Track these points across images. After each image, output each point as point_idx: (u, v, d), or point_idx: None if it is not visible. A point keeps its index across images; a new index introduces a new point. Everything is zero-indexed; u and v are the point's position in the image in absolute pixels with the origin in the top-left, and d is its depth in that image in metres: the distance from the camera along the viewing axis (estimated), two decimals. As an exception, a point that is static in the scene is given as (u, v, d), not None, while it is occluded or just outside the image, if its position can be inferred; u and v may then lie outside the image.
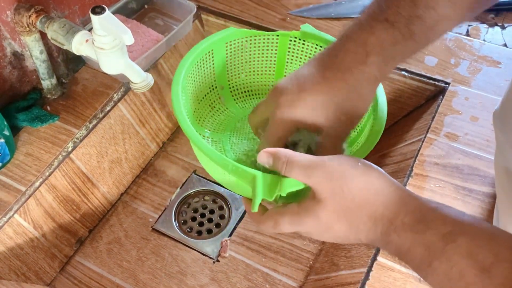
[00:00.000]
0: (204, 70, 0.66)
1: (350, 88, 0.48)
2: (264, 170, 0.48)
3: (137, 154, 0.92)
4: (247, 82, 0.71)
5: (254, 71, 0.70)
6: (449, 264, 0.37)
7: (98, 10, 0.60)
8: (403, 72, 0.87)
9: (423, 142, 0.77)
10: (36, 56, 0.78)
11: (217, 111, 0.70)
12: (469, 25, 0.94)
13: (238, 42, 0.67)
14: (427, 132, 0.78)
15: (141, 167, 0.94)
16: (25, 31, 0.74)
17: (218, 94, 0.69)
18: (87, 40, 0.68)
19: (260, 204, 0.47)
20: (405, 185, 0.72)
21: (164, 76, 0.94)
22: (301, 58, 0.68)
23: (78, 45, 0.68)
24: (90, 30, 0.69)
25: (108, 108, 0.85)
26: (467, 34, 0.93)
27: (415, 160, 0.75)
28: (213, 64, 0.66)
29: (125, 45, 0.66)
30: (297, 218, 0.45)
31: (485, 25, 0.94)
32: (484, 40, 0.91)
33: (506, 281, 0.35)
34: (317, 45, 0.66)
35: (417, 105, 0.90)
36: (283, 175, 0.46)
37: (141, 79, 0.66)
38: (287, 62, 0.69)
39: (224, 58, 0.67)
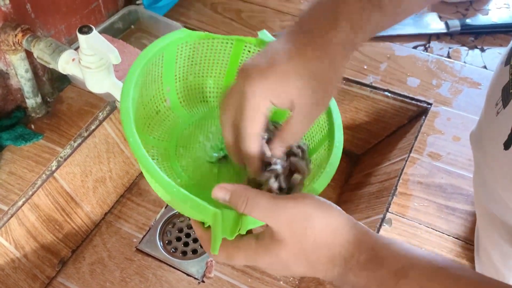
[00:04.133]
0: (152, 74, 0.61)
1: (321, 53, 0.46)
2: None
3: (121, 173, 0.92)
4: (195, 84, 0.66)
5: (203, 73, 0.66)
6: None
7: (85, 29, 0.61)
8: (386, 93, 0.89)
9: (406, 161, 0.78)
10: (21, 75, 0.77)
11: (163, 115, 0.64)
12: (450, 48, 0.96)
13: (191, 44, 0.63)
14: (411, 151, 0.79)
15: (125, 186, 0.93)
16: (10, 49, 0.74)
17: (164, 96, 0.63)
18: (73, 59, 0.69)
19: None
20: (390, 204, 0.72)
21: (149, 96, 0.95)
22: None
23: (64, 64, 0.68)
24: (76, 49, 0.69)
25: (93, 127, 0.85)
26: (448, 56, 0.95)
27: (399, 179, 0.75)
28: (161, 67, 0.62)
29: (112, 64, 0.66)
30: (254, 255, 0.44)
31: (465, 48, 0.96)
32: (464, 62, 0.94)
33: None
34: None
35: (400, 125, 0.91)
36: (242, 213, 0.44)
37: (127, 98, 0.66)
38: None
39: (173, 59, 0.63)
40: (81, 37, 0.61)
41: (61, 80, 0.88)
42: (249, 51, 0.62)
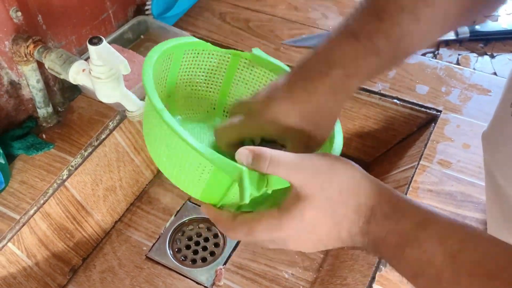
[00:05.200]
0: (159, 71, 0.62)
1: (313, 99, 0.47)
2: None
3: (131, 182, 0.92)
4: (192, 95, 0.68)
5: (200, 86, 0.67)
6: (420, 250, 0.38)
7: (95, 40, 0.61)
8: (395, 100, 0.89)
9: (416, 169, 0.77)
10: (32, 85, 0.79)
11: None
12: (459, 54, 0.96)
13: (195, 53, 0.64)
14: (420, 159, 0.79)
15: (135, 195, 0.94)
16: (22, 60, 0.75)
17: (164, 102, 0.60)
18: (83, 70, 0.69)
19: (228, 209, 0.46)
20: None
21: (159, 105, 0.95)
22: (248, 81, 0.66)
23: (75, 74, 0.69)
24: (86, 59, 0.70)
25: (103, 136, 0.85)
26: (458, 63, 0.94)
27: (408, 187, 0.75)
28: (168, 68, 0.63)
29: (121, 75, 0.67)
30: (277, 222, 0.42)
31: (475, 54, 0.96)
32: (474, 69, 0.93)
33: (472, 266, 0.37)
34: (266, 71, 0.64)
35: (409, 132, 0.91)
36: (267, 173, 0.43)
37: (136, 107, 0.67)
38: (234, 83, 0.67)
39: (179, 65, 0.64)
40: (91, 48, 0.61)
41: (72, 90, 0.89)
42: (244, 66, 0.64)
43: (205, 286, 0.82)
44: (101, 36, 0.62)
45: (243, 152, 0.44)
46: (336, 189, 0.42)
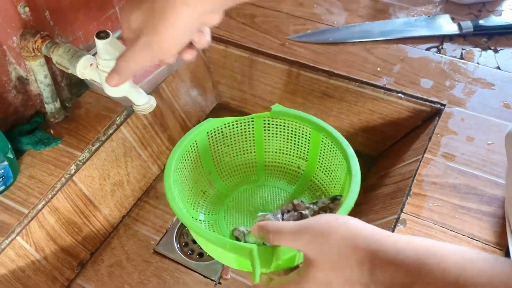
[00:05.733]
0: (191, 160, 0.72)
1: None
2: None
3: (138, 177, 0.93)
4: (232, 162, 0.78)
5: (236, 152, 0.78)
6: (425, 281, 0.41)
7: (102, 34, 0.62)
8: (400, 94, 0.89)
9: (420, 162, 0.78)
10: (40, 81, 0.79)
11: (209, 194, 0.76)
12: (463, 49, 0.96)
13: (219, 129, 0.75)
14: (424, 152, 0.79)
15: (142, 190, 0.94)
16: (30, 56, 0.76)
17: (207, 179, 0.76)
18: (91, 64, 0.70)
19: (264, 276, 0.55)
20: (404, 205, 0.73)
21: (165, 100, 0.96)
22: (277, 134, 0.77)
23: (83, 69, 0.70)
24: (94, 55, 0.70)
25: (110, 131, 0.86)
26: (461, 58, 0.95)
27: (413, 180, 0.76)
28: (198, 152, 0.73)
29: (129, 69, 0.68)
30: (299, 285, 0.48)
31: (479, 49, 0.97)
32: (478, 63, 0.94)
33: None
34: (289, 121, 0.74)
35: (414, 126, 0.91)
36: (273, 244, 0.51)
37: (144, 101, 0.68)
38: (265, 139, 0.77)
39: (207, 145, 0.74)
40: (98, 42, 0.62)
41: (79, 86, 0.90)
42: (268, 123, 0.75)
43: (212, 280, 0.83)
44: (108, 30, 0.62)
45: (256, 228, 0.53)
46: (335, 250, 0.46)
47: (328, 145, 0.72)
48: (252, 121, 0.75)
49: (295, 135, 0.76)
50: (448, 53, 0.96)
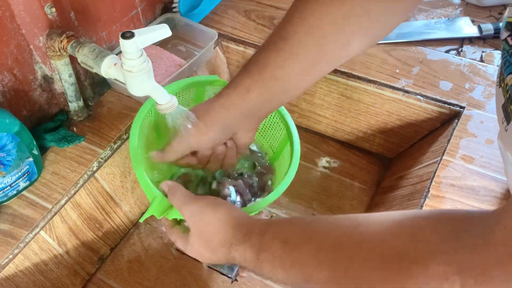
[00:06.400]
0: (149, 127, 0.75)
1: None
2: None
3: (158, 175, 0.95)
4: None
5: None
6: (268, 251, 0.50)
7: (128, 34, 0.63)
8: (419, 97, 0.89)
9: (439, 164, 0.78)
10: (65, 79, 0.81)
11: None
12: (483, 52, 0.96)
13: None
14: (443, 154, 0.79)
15: (161, 188, 0.96)
16: (56, 55, 0.78)
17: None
18: (115, 64, 0.71)
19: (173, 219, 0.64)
20: (422, 206, 0.73)
21: (185, 100, 0.97)
22: None
23: (107, 68, 0.71)
24: (118, 54, 0.72)
25: (131, 130, 0.88)
26: (481, 60, 0.95)
27: (431, 182, 0.76)
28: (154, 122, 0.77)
29: (152, 69, 0.69)
30: (185, 241, 0.60)
31: (499, 52, 0.96)
32: (497, 66, 0.93)
33: (299, 243, 0.49)
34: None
35: (432, 128, 0.91)
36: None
37: (166, 100, 0.69)
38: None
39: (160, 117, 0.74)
40: (123, 42, 0.63)
41: (102, 85, 0.92)
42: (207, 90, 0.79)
43: (229, 277, 0.84)
44: (133, 31, 0.64)
45: (164, 184, 0.63)
46: (205, 228, 0.56)
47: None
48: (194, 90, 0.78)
49: None
50: (468, 55, 0.96)
